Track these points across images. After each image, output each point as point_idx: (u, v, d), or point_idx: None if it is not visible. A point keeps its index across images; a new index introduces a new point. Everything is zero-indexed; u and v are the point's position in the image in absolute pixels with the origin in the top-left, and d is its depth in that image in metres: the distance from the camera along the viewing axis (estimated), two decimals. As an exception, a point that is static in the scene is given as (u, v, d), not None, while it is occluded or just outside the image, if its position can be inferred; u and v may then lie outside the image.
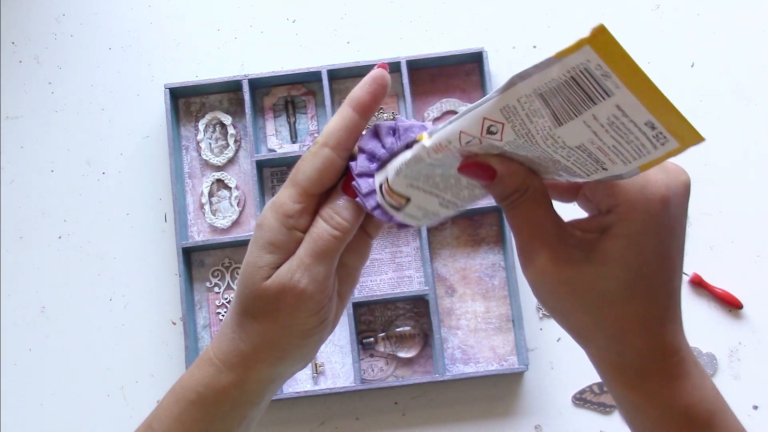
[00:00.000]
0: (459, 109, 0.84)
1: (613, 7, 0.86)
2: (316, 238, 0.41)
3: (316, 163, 0.41)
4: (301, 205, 0.41)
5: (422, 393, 0.80)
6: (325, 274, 0.41)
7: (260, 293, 0.42)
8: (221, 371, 0.44)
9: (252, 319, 0.43)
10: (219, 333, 0.45)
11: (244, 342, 0.44)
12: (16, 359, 0.82)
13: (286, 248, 0.42)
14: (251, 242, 0.42)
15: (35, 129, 0.86)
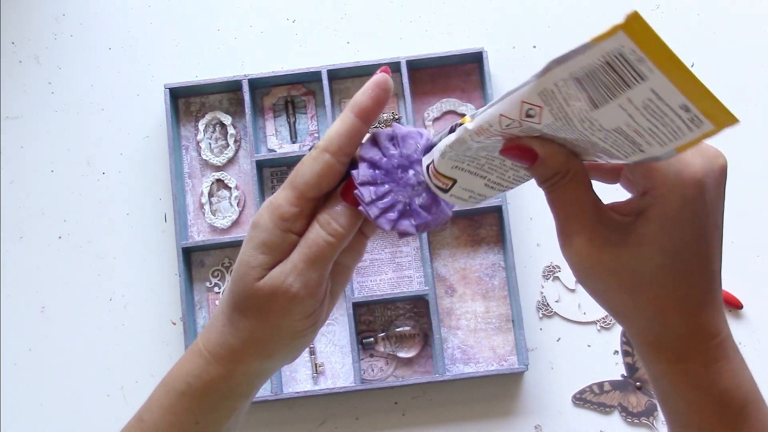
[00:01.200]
0: (459, 109, 0.84)
1: (613, 6, 0.86)
2: (311, 244, 0.41)
3: (316, 168, 0.41)
4: (298, 209, 0.41)
5: (422, 393, 0.80)
6: (318, 280, 0.42)
7: (252, 293, 0.42)
8: (210, 363, 0.44)
9: (242, 316, 0.43)
10: (209, 324, 0.45)
11: (233, 336, 0.44)
12: (16, 359, 0.82)
13: (280, 250, 0.42)
14: (246, 240, 0.43)
15: (35, 129, 0.86)
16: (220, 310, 0.45)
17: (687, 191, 0.38)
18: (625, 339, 0.79)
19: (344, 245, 0.42)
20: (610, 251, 0.38)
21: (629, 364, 0.79)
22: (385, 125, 0.84)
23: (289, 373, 0.81)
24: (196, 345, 0.45)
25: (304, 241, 0.42)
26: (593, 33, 0.30)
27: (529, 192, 0.82)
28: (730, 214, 0.84)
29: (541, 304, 0.81)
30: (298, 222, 0.42)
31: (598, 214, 0.39)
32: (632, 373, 0.79)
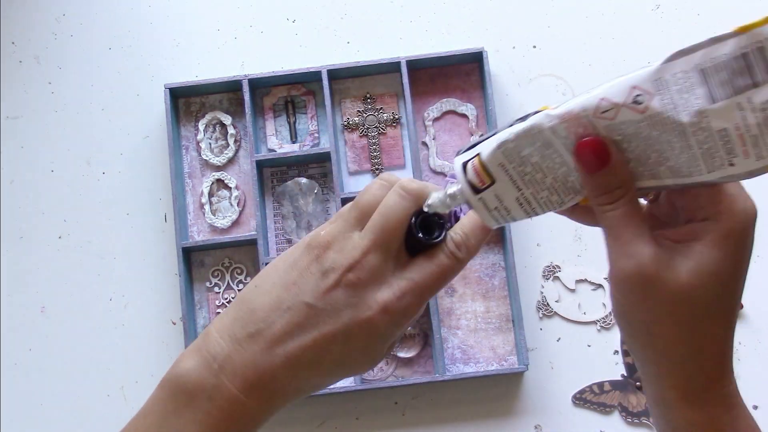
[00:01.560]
0: (459, 109, 0.84)
1: (613, 6, 0.86)
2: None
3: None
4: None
5: (422, 393, 0.80)
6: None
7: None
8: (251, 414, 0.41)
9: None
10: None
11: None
12: (16, 359, 0.82)
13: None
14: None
15: (35, 129, 0.86)
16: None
17: (748, 221, 0.37)
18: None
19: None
20: (674, 274, 0.37)
21: (629, 364, 0.79)
22: (386, 125, 0.84)
23: (289, 373, 0.81)
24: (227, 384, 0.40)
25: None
26: (593, 33, 0.30)
27: (529, 192, 0.82)
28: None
29: (541, 304, 0.81)
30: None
31: (656, 237, 0.38)
32: (632, 373, 0.79)
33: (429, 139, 0.84)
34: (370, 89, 0.85)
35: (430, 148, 0.84)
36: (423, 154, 0.84)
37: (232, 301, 0.46)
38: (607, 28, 0.85)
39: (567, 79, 0.85)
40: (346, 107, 0.85)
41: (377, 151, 0.84)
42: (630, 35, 0.85)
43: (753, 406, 0.78)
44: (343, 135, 0.84)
